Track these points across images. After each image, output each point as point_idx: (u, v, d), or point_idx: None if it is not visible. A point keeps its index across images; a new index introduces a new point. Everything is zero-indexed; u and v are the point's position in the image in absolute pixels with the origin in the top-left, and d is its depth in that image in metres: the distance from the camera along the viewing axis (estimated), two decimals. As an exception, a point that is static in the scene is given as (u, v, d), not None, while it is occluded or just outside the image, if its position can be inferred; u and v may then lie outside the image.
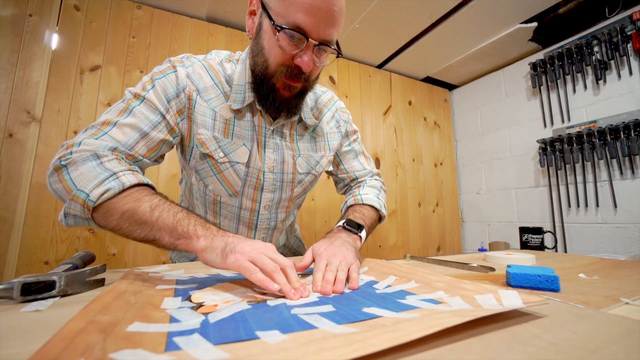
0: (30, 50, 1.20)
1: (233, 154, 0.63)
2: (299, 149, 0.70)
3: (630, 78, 1.48)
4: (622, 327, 0.27)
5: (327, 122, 0.75)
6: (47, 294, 0.35)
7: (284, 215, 0.74)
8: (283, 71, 0.55)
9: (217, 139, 0.61)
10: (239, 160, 0.63)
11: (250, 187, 0.66)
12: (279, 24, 0.51)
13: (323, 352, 0.21)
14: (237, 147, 0.63)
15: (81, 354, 0.20)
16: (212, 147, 0.61)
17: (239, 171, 0.64)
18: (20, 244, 1.12)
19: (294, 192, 0.72)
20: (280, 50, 0.53)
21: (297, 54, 0.53)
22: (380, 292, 0.39)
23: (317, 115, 0.73)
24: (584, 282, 0.52)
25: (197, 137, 0.60)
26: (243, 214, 0.69)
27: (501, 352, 0.22)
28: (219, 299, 0.36)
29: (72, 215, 0.47)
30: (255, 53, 0.58)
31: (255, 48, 0.58)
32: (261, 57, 0.57)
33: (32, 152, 1.17)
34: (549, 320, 0.29)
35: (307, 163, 0.71)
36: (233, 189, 0.66)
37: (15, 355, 0.21)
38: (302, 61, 0.53)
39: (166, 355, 0.21)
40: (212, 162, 0.62)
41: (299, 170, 0.70)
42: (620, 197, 1.49)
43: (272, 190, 0.68)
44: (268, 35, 0.54)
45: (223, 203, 0.68)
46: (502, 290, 0.34)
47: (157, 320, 0.28)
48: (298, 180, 0.71)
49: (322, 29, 0.52)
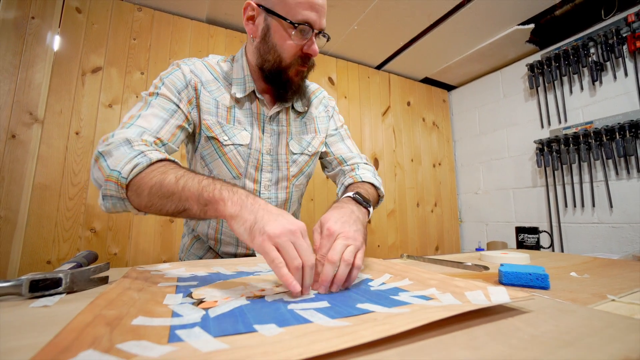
0: (32, 52, 1.22)
1: (236, 137, 0.70)
2: (292, 132, 0.78)
3: (626, 79, 1.50)
4: (602, 321, 0.28)
5: (315, 107, 0.83)
6: (53, 290, 0.36)
7: (284, 195, 0.78)
8: (297, 61, 0.66)
9: (221, 124, 0.69)
10: (241, 142, 0.70)
11: (252, 167, 0.73)
12: (294, 22, 0.61)
13: (317, 343, 0.22)
14: (239, 132, 0.70)
15: (90, 344, 0.22)
16: (217, 130, 0.69)
17: (242, 153, 0.71)
18: (23, 243, 1.13)
19: (290, 172, 0.78)
20: (293, 43, 0.63)
21: (306, 43, 0.64)
22: (374, 289, 0.41)
23: (306, 103, 0.81)
24: (575, 280, 0.53)
25: (204, 123, 0.68)
26: None
27: (485, 343, 0.24)
28: (218, 295, 0.37)
29: (109, 196, 0.50)
30: (264, 52, 0.67)
31: (264, 47, 0.66)
32: (273, 54, 0.66)
33: (34, 152, 1.19)
34: (534, 315, 0.30)
35: (299, 145, 0.78)
36: (237, 170, 0.71)
37: (28, 347, 0.23)
38: (311, 49, 0.64)
39: (169, 346, 0.23)
40: (217, 144, 0.69)
41: (292, 150, 0.77)
42: (615, 197, 1.50)
43: (269, 170, 0.75)
44: (279, 34, 0.64)
45: None
46: (491, 287, 0.36)
47: (160, 315, 0.30)
48: (292, 160, 0.77)
49: (321, 20, 0.64)
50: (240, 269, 0.56)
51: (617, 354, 0.22)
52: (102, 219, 1.28)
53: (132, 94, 1.40)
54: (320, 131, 0.82)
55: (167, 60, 1.49)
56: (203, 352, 0.21)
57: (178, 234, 1.41)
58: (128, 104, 1.39)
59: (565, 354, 0.22)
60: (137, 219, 1.34)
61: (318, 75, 1.92)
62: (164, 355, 0.21)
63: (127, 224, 1.32)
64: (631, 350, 0.22)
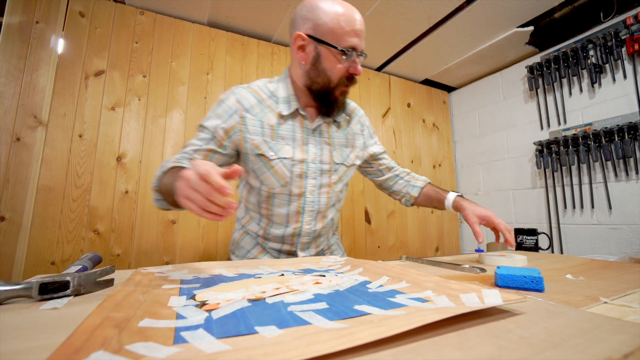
0: (36, 56, 1.24)
1: (280, 151, 0.80)
2: (334, 144, 0.88)
3: (625, 82, 1.51)
4: (591, 322, 0.29)
5: (354, 124, 0.94)
6: (62, 293, 0.38)
7: (325, 200, 0.87)
8: (343, 82, 0.77)
9: (267, 142, 0.79)
10: (285, 155, 0.80)
11: (296, 176, 0.82)
12: (343, 48, 0.73)
13: (315, 344, 0.23)
14: (282, 146, 0.80)
15: (100, 345, 0.23)
16: (264, 148, 0.79)
17: (286, 164, 0.81)
18: (28, 244, 1.15)
19: (332, 179, 0.87)
20: (342, 67, 0.75)
21: (351, 65, 0.75)
22: (372, 291, 0.42)
23: (347, 119, 0.92)
24: (569, 282, 0.54)
25: (252, 142, 0.79)
26: (292, 200, 0.83)
27: (475, 344, 0.25)
28: (221, 297, 0.38)
29: (155, 199, 0.73)
30: (314, 75, 0.77)
31: (314, 72, 0.77)
32: (322, 77, 0.77)
33: (38, 155, 1.20)
34: (525, 317, 0.31)
35: (340, 155, 0.88)
36: (283, 180, 0.81)
37: (42, 347, 0.24)
38: (356, 69, 0.75)
39: (175, 347, 0.24)
40: (265, 159, 0.79)
41: (335, 160, 0.87)
42: (614, 199, 1.51)
43: (314, 177, 0.84)
44: (329, 60, 0.75)
45: (276, 194, 0.83)
46: (485, 290, 0.37)
47: (165, 317, 0.31)
48: (334, 169, 0.87)
49: (362, 43, 0.76)
50: (242, 272, 0.57)
51: (600, 354, 0.23)
52: (105, 220, 1.30)
53: (135, 97, 1.42)
54: (356, 146, 0.93)
55: (169, 63, 1.50)
56: (207, 353, 0.23)
57: (180, 236, 1.43)
58: (130, 107, 1.40)
59: (551, 354, 0.23)
60: (139, 220, 1.35)
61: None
62: (170, 356, 0.22)
63: (129, 226, 1.34)
64: (614, 351, 0.23)
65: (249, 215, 0.90)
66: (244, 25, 1.69)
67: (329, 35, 0.72)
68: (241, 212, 0.94)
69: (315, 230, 0.88)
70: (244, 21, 1.66)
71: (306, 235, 0.87)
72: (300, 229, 0.85)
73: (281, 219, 0.84)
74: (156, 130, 1.44)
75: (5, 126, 1.17)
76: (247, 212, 0.91)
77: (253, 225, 0.89)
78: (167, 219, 1.41)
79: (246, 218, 0.91)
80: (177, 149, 1.47)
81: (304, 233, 0.86)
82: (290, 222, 0.85)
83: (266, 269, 0.60)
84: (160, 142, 1.44)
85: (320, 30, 0.73)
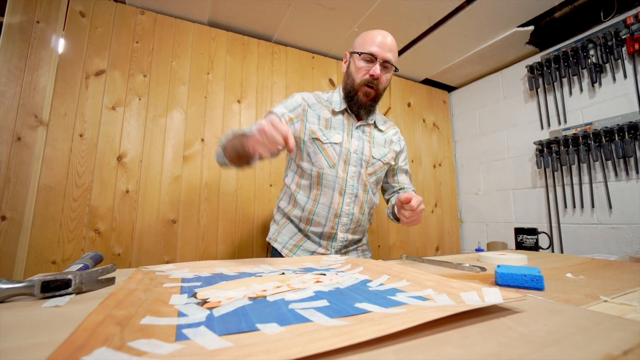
0: (37, 55, 1.24)
1: (332, 137, 0.99)
2: (374, 142, 1.05)
3: (625, 81, 1.51)
4: (590, 320, 0.29)
5: (392, 134, 1.12)
6: (63, 291, 0.38)
7: (362, 187, 1.02)
8: (362, 81, 0.95)
9: (322, 130, 0.99)
10: (335, 141, 0.99)
11: (342, 160, 0.99)
12: (363, 52, 0.94)
13: (316, 341, 0.23)
14: (334, 134, 0.99)
15: (103, 342, 0.23)
16: (319, 133, 0.98)
17: (335, 148, 0.99)
18: (29, 244, 1.15)
19: (367, 170, 1.03)
20: (362, 69, 0.94)
21: (371, 68, 0.93)
22: (372, 289, 0.42)
23: (386, 128, 1.11)
24: (570, 281, 0.54)
25: (310, 129, 0.99)
26: (337, 182, 0.99)
27: (476, 341, 0.25)
28: (222, 295, 0.39)
29: (217, 154, 0.92)
30: (345, 78, 1.01)
31: (346, 76, 1.01)
32: (350, 79, 0.98)
33: (39, 155, 1.21)
34: (525, 315, 0.31)
35: (379, 152, 1.05)
36: (332, 161, 0.98)
37: (45, 344, 0.24)
38: (373, 70, 0.93)
39: (177, 344, 0.24)
40: (319, 143, 0.98)
41: (374, 155, 1.03)
42: (615, 198, 1.51)
43: (355, 165, 1.00)
44: (354, 64, 0.97)
45: (325, 174, 0.98)
46: (485, 288, 0.37)
47: (166, 315, 0.31)
48: (372, 162, 1.03)
49: (384, 53, 0.93)
50: (243, 270, 0.57)
51: (600, 351, 0.23)
52: (106, 220, 1.30)
53: (135, 96, 1.42)
54: (393, 150, 1.09)
55: (169, 63, 1.51)
56: (209, 349, 0.23)
57: (180, 235, 1.43)
58: (131, 107, 1.40)
59: (551, 351, 0.23)
60: (139, 220, 1.36)
61: (319, 77, 1.93)
62: (172, 352, 0.22)
63: (130, 225, 1.34)
64: (613, 348, 0.23)
65: (293, 202, 1.04)
66: (245, 25, 1.69)
67: (358, 47, 0.96)
68: (284, 203, 1.08)
69: (354, 213, 1.01)
70: (245, 21, 1.66)
71: (346, 216, 1.00)
72: (341, 209, 0.99)
73: (327, 198, 0.98)
74: (157, 130, 1.44)
75: (6, 126, 1.17)
76: (291, 200, 1.04)
77: (297, 211, 1.02)
78: (167, 218, 1.41)
79: (290, 206, 1.05)
80: (178, 148, 1.48)
81: (344, 213, 0.99)
82: (333, 202, 0.98)
83: (267, 267, 0.60)
84: (161, 142, 1.45)
85: (355, 46, 0.98)
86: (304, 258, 0.73)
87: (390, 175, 1.15)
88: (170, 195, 1.43)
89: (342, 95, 1.03)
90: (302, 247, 1.02)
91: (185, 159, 1.48)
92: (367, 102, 0.98)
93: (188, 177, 1.48)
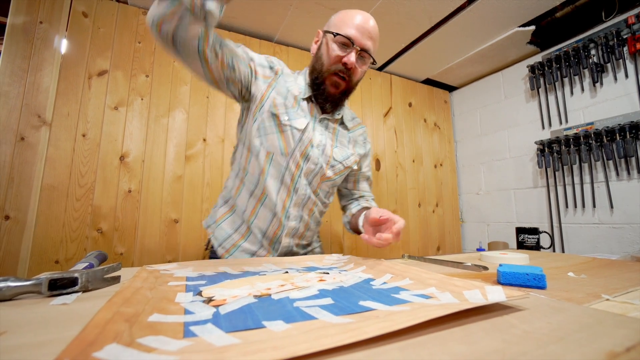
0: (40, 56, 1.24)
1: (295, 121, 0.80)
2: (337, 140, 0.89)
3: (626, 81, 1.51)
4: (593, 318, 0.30)
5: (358, 135, 0.96)
6: (70, 289, 0.38)
7: (314, 189, 0.87)
8: (333, 68, 0.78)
9: (287, 106, 0.81)
10: (298, 126, 0.80)
11: (299, 151, 0.81)
12: (339, 33, 0.76)
13: (322, 338, 0.24)
14: (298, 117, 0.81)
15: (113, 339, 0.23)
16: (281, 110, 0.80)
17: (295, 135, 0.80)
18: (32, 243, 1.16)
19: (327, 173, 0.86)
20: (335, 53, 0.77)
21: (345, 55, 0.76)
22: (376, 288, 0.42)
23: (353, 126, 0.95)
24: (571, 280, 0.54)
25: (273, 100, 0.80)
26: (286, 176, 0.81)
27: (480, 338, 0.25)
28: (227, 294, 0.39)
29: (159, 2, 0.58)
30: (314, 61, 0.82)
31: (315, 59, 0.82)
32: (319, 61, 0.80)
33: (42, 154, 1.21)
34: (528, 313, 0.32)
35: (341, 153, 0.88)
36: (286, 149, 0.80)
37: (55, 341, 0.24)
38: (347, 59, 0.76)
39: (185, 340, 0.24)
40: (277, 121, 0.80)
41: (335, 157, 0.87)
42: (616, 198, 1.51)
43: (314, 162, 0.83)
44: (327, 46, 0.78)
45: (274, 161, 0.80)
46: (488, 286, 0.37)
47: (173, 312, 0.31)
48: (332, 164, 0.86)
49: (363, 40, 0.77)
50: (246, 269, 0.57)
51: (603, 348, 0.23)
52: (109, 219, 1.30)
53: (137, 96, 1.42)
54: (357, 153, 0.94)
55: (171, 63, 1.51)
56: (217, 346, 0.23)
57: (183, 235, 1.43)
58: (133, 107, 1.41)
59: (555, 348, 0.23)
60: (142, 219, 1.36)
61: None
62: (181, 349, 0.22)
63: (132, 225, 1.34)
64: (616, 345, 0.23)
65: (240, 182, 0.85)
66: (246, 25, 1.69)
67: (334, 26, 0.79)
68: (231, 182, 0.88)
69: (302, 216, 0.84)
70: (246, 21, 1.66)
71: (294, 220, 0.83)
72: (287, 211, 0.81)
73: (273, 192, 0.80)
74: (159, 130, 1.45)
75: (9, 126, 1.17)
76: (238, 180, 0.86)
77: (244, 195, 0.84)
78: (169, 218, 1.42)
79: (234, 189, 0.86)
80: (180, 148, 1.48)
81: (291, 216, 0.82)
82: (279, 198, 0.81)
83: (270, 266, 0.61)
84: (163, 142, 1.45)
85: (330, 24, 0.81)
86: (306, 257, 0.73)
87: (351, 180, 0.99)
88: (173, 194, 1.43)
89: (307, 81, 0.85)
90: (240, 248, 0.84)
91: (187, 158, 1.49)
92: (335, 95, 0.81)
93: (190, 176, 1.48)
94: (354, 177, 0.98)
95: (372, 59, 0.81)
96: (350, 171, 0.94)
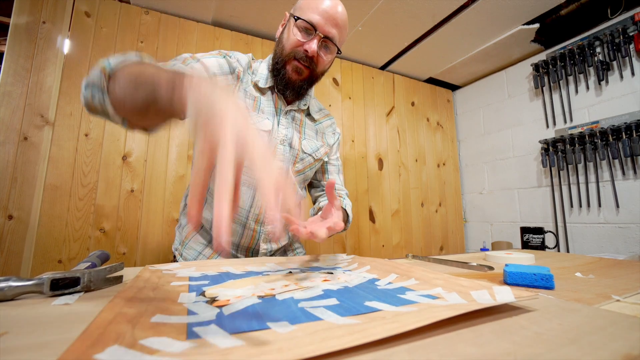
0: (43, 56, 1.25)
1: (259, 124, 0.77)
2: (305, 132, 0.85)
3: (633, 79, 1.49)
4: (605, 320, 0.29)
5: (326, 126, 0.93)
6: (72, 289, 0.38)
7: None
8: (294, 53, 0.73)
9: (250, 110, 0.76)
10: (263, 128, 0.77)
11: None
12: (302, 18, 0.70)
13: (328, 340, 0.23)
14: (262, 119, 0.77)
15: (115, 340, 0.23)
16: None
17: None
18: (35, 243, 1.16)
19: (295, 167, 0.83)
20: (297, 39, 0.72)
21: (307, 42, 0.72)
22: (381, 288, 0.42)
23: (320, 117, 0.92)
24: (579, 280, 0.53)
25: None
26: None
27: (490, 340, 0.25)
28: (230, 294, 0.38)
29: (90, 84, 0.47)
30: (276, 46, 0.78)
31: (277, 43, 0.78)
32: (280, 45, 0.76)
33: (45, 154, 1.21)
34: (538, 314, 0.31)
35: (310, 146, 0.85)
36: None
37: (57, 341, 0.24)
38: (309, 46, 0.71)
39: (188, 342, 0.24)
40: None
41: (304, 149, 0.83)
42: (622, 197, 1.49)
43: (282, 159, 0.80)
44: (289, 30, 0.73)
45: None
46: (496, 287, 0.37)
47: (176, 313, 0.31)
48: (301, 157, 0.83)
49: (327, 27, 0.71)
50: (249, 269, 0.57)
51: (619, 350, 0.22)
52: (111, 219, 1.30)
53: (140, 96, 1.42)
54: (327, 144, 0.91)
55: (174, 63, 1.51)
56: (221, 348, 0.23)
57: (185, 234, 1.43)
58: (136, 106, 1.41)
59: (568, 351, 0.23)
60: (144, 219, 1.36)
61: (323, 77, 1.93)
62: (184, 350, 0.22)
63: (135, 225, 1.34)
64: (633, 348, 0.23)
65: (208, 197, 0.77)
66: (248, 24, 1.69)
67: (299, 10, 0.73)
68: None
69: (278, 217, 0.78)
70: (248, 20, 1.66)
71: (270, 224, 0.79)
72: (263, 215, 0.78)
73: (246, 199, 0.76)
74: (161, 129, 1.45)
75: (12, 125, 1.17)
76: None
77: (207, 212, 0.80)
78: (172, 217, 1.42)
79: None
80: (182, 147, 1.48)
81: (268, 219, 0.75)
82: (255, 204, 0.77)
83: (273, 266, 0.60)
84: (165, 141, 1.45)
85: (296, 6, 0.75)
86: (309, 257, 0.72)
87: (320, 172, 0.95)
88: (175, 194, 1.43)
89: (271, 68, 0.80)
90: None
91: (189, 158, 1.49)
92: (296, 81, 0.76)
93: (192, 176, 1.48)
94: (322, 167, 0.94)
95: (337, 48, 0.76)
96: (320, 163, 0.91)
